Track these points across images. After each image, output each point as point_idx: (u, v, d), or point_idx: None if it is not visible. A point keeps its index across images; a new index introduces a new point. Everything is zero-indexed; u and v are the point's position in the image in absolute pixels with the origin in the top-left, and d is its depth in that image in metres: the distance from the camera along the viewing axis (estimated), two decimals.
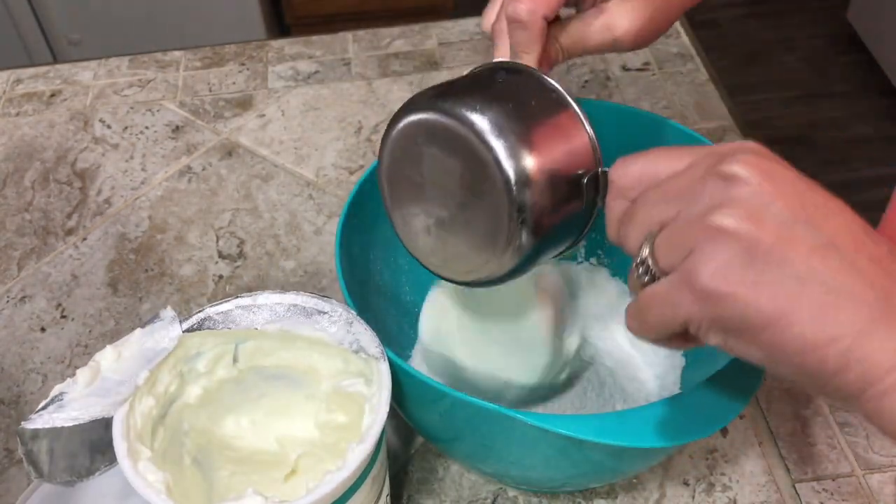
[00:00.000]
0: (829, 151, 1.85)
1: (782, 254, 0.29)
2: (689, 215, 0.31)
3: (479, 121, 0.36)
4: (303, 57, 0.88)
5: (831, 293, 0.29)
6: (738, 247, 0.29)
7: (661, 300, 0.32)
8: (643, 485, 0.53)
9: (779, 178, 0.30)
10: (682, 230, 0.31)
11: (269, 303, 0.44)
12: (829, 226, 0.30)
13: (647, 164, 0.34)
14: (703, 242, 0.30)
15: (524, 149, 0.36)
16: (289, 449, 0.47)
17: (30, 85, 0.86)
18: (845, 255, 0.29)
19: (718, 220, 0.29)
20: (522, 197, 0.36)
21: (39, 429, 0.38)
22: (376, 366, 0.41)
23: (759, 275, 0.29)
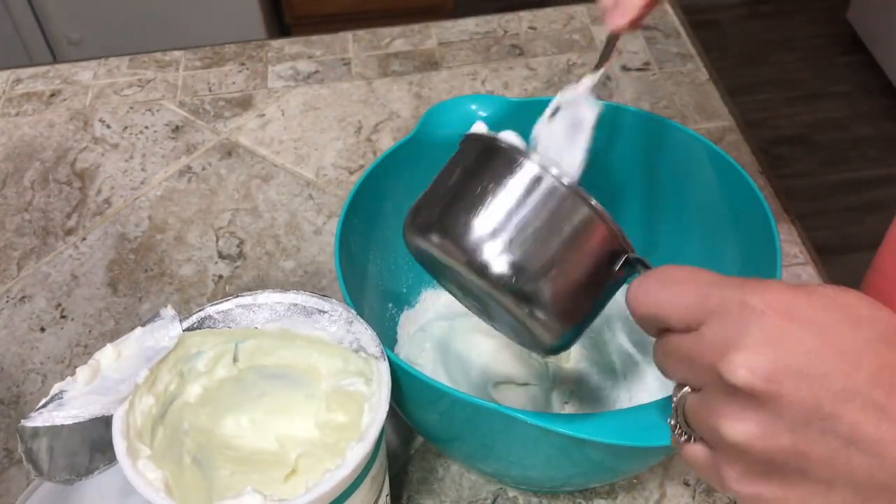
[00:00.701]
0: (829, 151, 1.85)
1: (802, 462, 0.28)
2: (705, 405, 0.30)
3: (494, 262, 0.36)
4: (303, 57, 0.88)
5: (862, 491, 0.28)
6: (753, 459, 0.29)
7: (696, 467, 0.32)
8: (643, 485, 0.53)
9: (787, 370, 0.27)
10: (702, 419, 0.30)
11: (270, 302, 0.44)
12: (845, 416, 0.27)
13: (655, 301, 0.32)
14: (721, 449, 0.30)
15: (546, 282, 0.36)
16: (289, 448, 0.47)
17: (30, 85, 0.86)
18: (870, 446, 0.27)
19: (726, 432, 0.28)
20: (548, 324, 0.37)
21: (39, 427, 0.38)
22: (376, 365, 0.41)
23: (782, 480, 0.28)
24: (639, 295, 0.32)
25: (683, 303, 0.30)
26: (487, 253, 0.36)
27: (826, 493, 0.28)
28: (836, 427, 0.27)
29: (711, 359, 0.29)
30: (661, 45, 0.87)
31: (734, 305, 0.29)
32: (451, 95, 0.81)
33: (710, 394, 0.29)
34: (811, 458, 0.27)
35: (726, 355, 0.28)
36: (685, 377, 0.31)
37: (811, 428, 0.27)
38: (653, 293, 0.32)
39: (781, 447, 0.28)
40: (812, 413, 0.27)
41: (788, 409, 0.27)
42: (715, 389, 0.29)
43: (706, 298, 0.30)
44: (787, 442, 0.28)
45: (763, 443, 0.28)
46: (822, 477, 0.28)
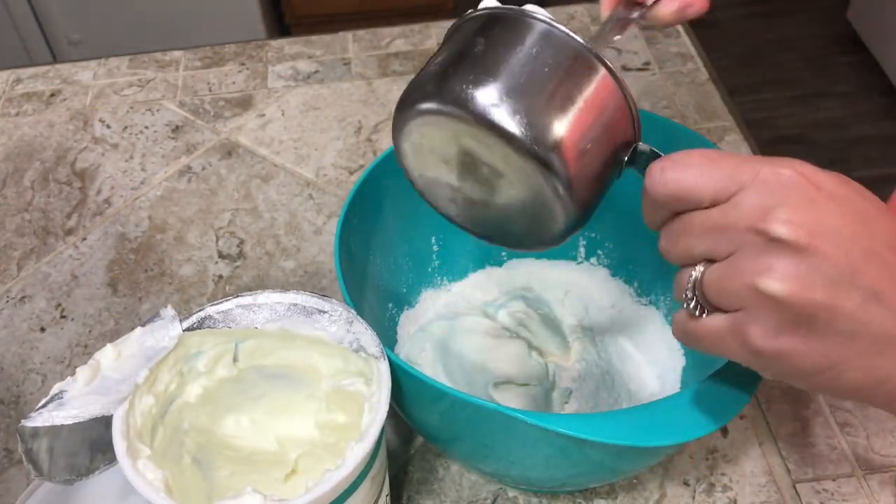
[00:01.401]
0: (829, 151, 1.85)
1: (830, 313, 0.30)
2: (738, 268, 0.31)
3: (501, 115, 0.34)
4: (303, 57, 0.88)
5: (877, 342, 0.30)
6: (787, 312, 0.30)
7: (713, 338, 0.33)
8: (643, 485, 0.53)
9: (824, 232, 0.30)
10: (732, 282, 0.31)
11: (270, 302, 0.44)
12: (869, 272, 0.30)
13: (685, 181, 0.32)
14: (752, 306, 0.31)
15: (558, 134, 0.34)
16: (289, 449, 0.47)
17: (30, 85, 0.86)
18: (888, 302, 0.30)
19: (767, 285, 0.30)
20: (548, 164, 0.34)
21: (39, 427, 0.38)
22: (376, 365, 0.41)
23: (809, 333, 0.31)
24: (667, 177, 0.33)
25: (714, 177, 0.32)
26: (511, 113, 0.34)
27: (847, 343, 0.31)
28: (862, 281, 0.30)
29: (750, 221, 0.30)
30: (661, 45, 0.87)
31: (769, 175, 0.31)
32: None
33: (743, 256, 0.31)
34: (840, 310, 0.30)
35: (770, 213, 0.30)
36: (710, 248, 0.32)
37: (842, 282, 0.30)
38: (680, 174, 0.33)
39: (815, 299, 0.30)
40: (844, 267, 0.30)
41: (825, 263, 0.30)
42: (752, 250, 0.31)
43: (738, 171, 0.31)
44: (821, 294, 0.30)
45: (801, 294, 0.30)
46: (845, 329, 0.30)
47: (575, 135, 0.35)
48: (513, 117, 0.34)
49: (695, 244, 0.33)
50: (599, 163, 0.36)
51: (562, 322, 0.58)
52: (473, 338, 0.54)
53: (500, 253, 0.62)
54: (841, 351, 0.31)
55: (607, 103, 0.36)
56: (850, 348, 0.31)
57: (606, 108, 0.36)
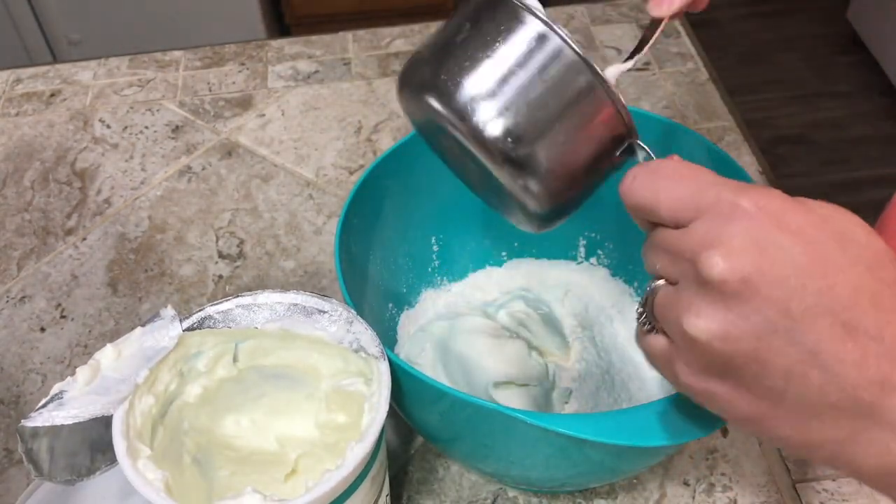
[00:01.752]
0: (829, 151, 1.85)
1: (758, 368, 0.28)
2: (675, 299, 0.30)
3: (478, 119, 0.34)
4: (303, 57, 0.88)
5: (812, 407, 0.28)
6: (711, 358, 0.29)
7: (652, 357, 0.33)
8: (643, 485, 0.53)
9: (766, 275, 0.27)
10: (669, 312, 0.30)
11: (270, 302, 0.44)
12: (812, 329, 0.27)
13: (650, 192, 0.31)
14: (680, 342, 0.30)
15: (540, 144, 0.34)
16: (289, 449, 0.47)
17: (30, 85, 0.86)
18: (829, 363, 0.27)
19: (689, 326, 0.29)
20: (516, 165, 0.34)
21: (39, 427, 0.38)
22: (376, 365, 0.41)
23: (736, 382, 0.29)
24: (634, 184, 0.32)
25: (676, 196, 0.30)
26: (482, 114, 0.33)
27: (778, 401, 0.28)
28: (803, 339, 0.27)
29: (693, 252, 0.29)
30: (661, 45, 0.87)
31: (726, 205, 0.29)
32: None
33: (682, 288, 0.29)
34: (770, 366, 0.28)
35: (707, 249, 0.28)
36: (664, 269, 0.31)
37: (777, 336, 0.27)
38: (648, 184, 0.32)
39: (742, 351, 0.28)
40: (781, 321, 0.27)
41: (757, 314, 0.27)
42: (688, 283, 0.29)
43: (700, 195, 0.30)
44: (749, 347, 0.28)
45: (723, 344, 0.28)
46: (776, 386, 0.28)
47: (550, 137, 0.34)
48: (482, 118, 0.34)
49: (656, 261, 0.32)
50: (578, 160, 0.35)
51: (562, 322, 0.58)
52: (473, 338, 0.54)
53: (501, 253, 0.62)
54: (771, 406, 0.29)
55: (587, 105, 0.35)
56: (780, 406, 0.28)
57: (586, 110, 0.35)
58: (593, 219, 0.59)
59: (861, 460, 0.29)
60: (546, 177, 0.35)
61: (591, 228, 0.60)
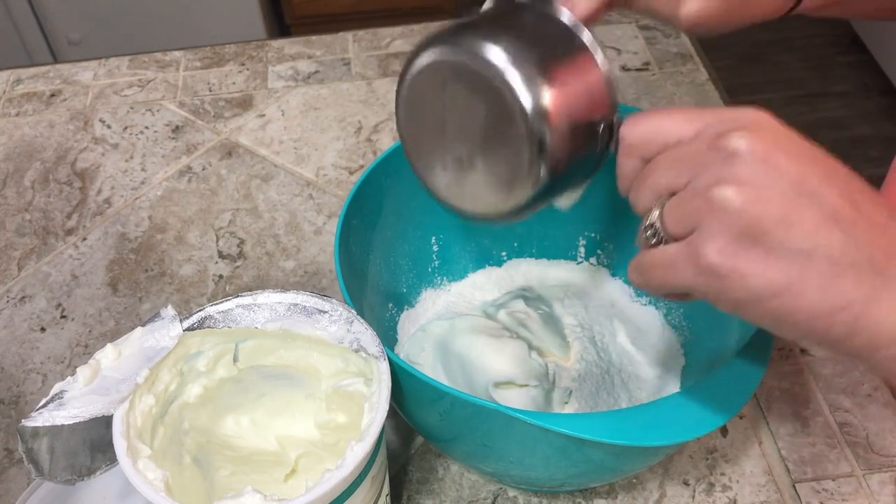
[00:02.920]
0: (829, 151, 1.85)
1: (786, 229, 0.30)
2: (695, 187, 0.31)
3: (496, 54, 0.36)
4: (303, 57, 0.88)
5: (836, 265, 0.30)
6: (743, 223, 0.30)
7: (666, 265, 0.33)
8: (643, 485, 0.53)
9: (781, 150, 0.31)
10: (689, 202, 0.32)
11: (270, 302, 0.44)
12: (831, 196, 0.30)
13: (656, 124, 0.34)
14: (708, 219, 0.31)
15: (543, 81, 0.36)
16: (289, 449, 0.47)
17: (30, 85, 0.86)
18: (847, 225, 0.30)
19: (721, 195, 0.30)
20: (540, 129, 0.36)
21: (40, 426, 0.38)
22: (376, 365, 0.41)
23: (764, 249, 0.30)
24: (639, 121, 0.35)
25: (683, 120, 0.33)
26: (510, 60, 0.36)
27: (804, 262, 0.30)
28: (822, 202, 0.30)
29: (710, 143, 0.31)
30: (661, 45, 0.87)
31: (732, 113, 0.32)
32: None
33: (701, 176, 0.31)
34: (797, 226, 0.30)
35: (730, 131, 0.31)
36: (672, 179, 0.33)
37: (801, 198, 0.30)
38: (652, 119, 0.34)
39: (771, 212, 0.30)
40: (804, 184, 0.30)
41: (784, 177, 0.30)
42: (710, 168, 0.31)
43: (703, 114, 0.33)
44: (778, 207, 0.30)
45: (755, 204, 0.30)
46: (803, 247, 0.30)
47: (564, 101, 0.36)
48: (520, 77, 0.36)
49: (659, 180, 0.33)
50: (579, 126, 0.37)
51: (562, 322, 0.58)
52: (473, 338, 0.54)
53: (501, 253, 0.62)
54: (798, 270, 0.30)
55: (592, 79, 0.37)
56: (807, 268, 0.30)
57: (590, 84, 0.37)
58: (593, 219, 0.59)
59: (879, 320, 0.30)
60: (556, 132, 0.36)
61: (591, 228, 0.60)
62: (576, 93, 0.37)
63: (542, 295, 0.60)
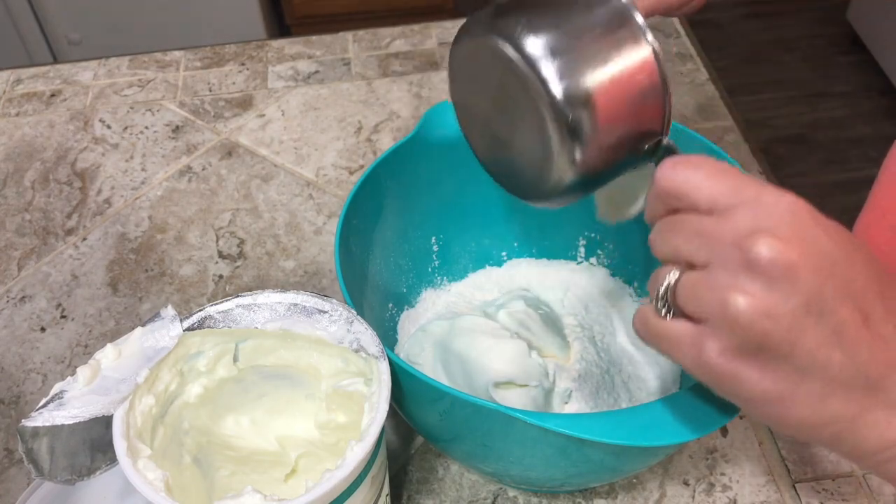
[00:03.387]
0: (829, 151, 1.85)
1: (789, 348, 0.30)
2: (711, 279, 0.31)
3: (533, 43, 0.35)
4: (303, 57, 0.88)
5: (830, 384, 0.31)
6: (748, 335, 0.30)
7: (670, 341, 0.34)
8: (643, 485, 0.53)
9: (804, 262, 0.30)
10: (703, 293, 0.32)
11: (270, 302, 0.44)
12: (841, 312, 0.30)
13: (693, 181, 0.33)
14: (717, 319, 0.31)
15: (583, 85, 0.35)
16: (289, 449, 0.47)
17: (30, 85, 0.86)
18: (849, 345, 0.30)
19: (734, 304, 0.30)
20: (573, 143, 0.35)
21: (40, 426, 0.38)
22: (376, 365, 0.41)
23: (764, 361, 0.31)
24: (676, 171, 0.33)
25: (719, 186, 0.32)
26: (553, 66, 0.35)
27: (800, 379, 0.31)
28: (829, 321, 0.30)
29: (737, 237, 0.31)
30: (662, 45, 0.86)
31: (771, 198, 0.31)
32: None
33: (720, 270, 0.31)
34: (800, 345, 0.30)
35: (758, 233, 0.30)
36: (692, 252, 0.32)
37: (810, 317, 0.30)
38: (689, 173, 0.33)
39: (779, 330, 0.30)
40: (814, 304, 0.30)
41: (797, 296, 0.30)
42: (731, 265, 0.31)
43: (743, 187, 0.32)
44: (786, 326, 0.30)
45: (765, 322, 0.30)
46: (801, 364, 0.31)
47: (605, 107, 0.35)
48: (553, 70, 0.35)
49: (681, 244, 0.33)
50: (618, 141, 0.36)
51: (562, 322, 0.58)
52: (473, 338, 0.54)
53: (501, 253, 0.62)
54: (793, 386, 0.31)
55: (645, 87, 0.36)
56: (801, 385, 0.31)
57: (643, 92, 0.36)
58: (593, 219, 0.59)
59: (865, 435, 0.32)
60: (591, 137, 0.35)
61: (591, 228, 0.60)
62: (620, 102, 0.35)
63: (541, 295, 0.60)
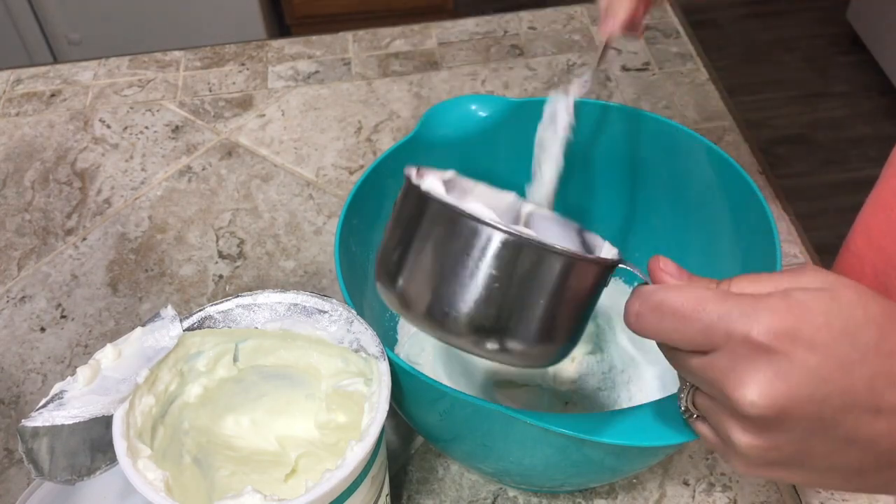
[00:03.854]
0: (829, 151, 1.85)
1: (801, 461, 0.31)
2: (716, 414, 0.32)
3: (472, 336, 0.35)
4: (303, 57, 0.88)
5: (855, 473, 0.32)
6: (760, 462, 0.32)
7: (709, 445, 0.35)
8: (643, 485, 0.53)
9: (793, 396, 0.29)
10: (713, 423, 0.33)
11: (270, 302, 0.44)
12: (849, 420, 0.30)
13: (660, 331, 0.32)
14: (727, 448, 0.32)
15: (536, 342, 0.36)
16: (289, 449, 0.47)
17: (30, 85, 0.86)
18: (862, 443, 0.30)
19: (737, 442, 0.31)
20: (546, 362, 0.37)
21: (40, 426, 0.38)
22: (376, 365, 0.41)
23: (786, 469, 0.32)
24: (641, 322, 0.33)
25: (687, 336, 0.31)
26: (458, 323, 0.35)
27: (822, 476, 0.32)
28: (837, 432, 0.30)
29: (723, 385, 0.30)
30: (661, 45, 0.87)
31: (739, 342, 0.30)
32: (450, 95, 0.81)
33: (719, 407, 0.32)
34: (814, 458, 0.31)
35: (738, 389, 0.30)
36: (698, 384, 0.33)
37: (815, 438, 0.30)
38: (652, 323, 0.32)
39: (786, 456, 0.31)
40: (816, 428, 0.30)
41: (794, 430, 0.30)
42: (724, 411, 0.31)
43: (710, 332, 0.30)
44: (792, 449, 0.31)
45: (768, 453, 0.31)
46: (820, 467, 0.32)
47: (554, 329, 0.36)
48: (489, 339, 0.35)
49: (683, 374, 0.34)
50: (575, 321, 0.37)
51: None
52: None
53: None
54: (821, 479, 0.32)
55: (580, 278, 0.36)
56: (828, 479, 0.32)
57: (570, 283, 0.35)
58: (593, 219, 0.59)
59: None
60: (555, 352, 0.37)
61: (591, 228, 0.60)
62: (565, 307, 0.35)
63: None
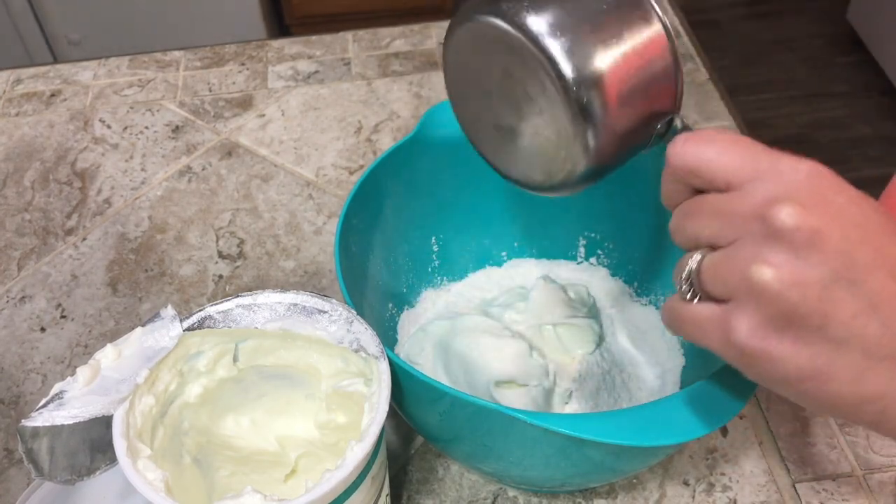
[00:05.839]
0: (829, 151, 1.85)
1: (822, 318, 0.29)
2: (735, 256, 0.30)
3: (535, 21, 0.34)
4: (303, 57, 0.88)
5: (870, 358, 0.29)
6: (778, 308, 0.29)
7: (697, 325, 0.32)
8: (643, 485, 0.53)
9: (831, 228, 0.28)
10: (727, 270, 0.30)
11: (270, 302, 0.44)
12: (875, 281, 0.29)
13: (706, 156, 0.31)
14: (743, 296, 0.30)
15: (591, 64, 0.34)
16: (289, 449, 0.47)
17: (30, 85, 0.86)
18: (887, 315, 0.29)
19: (759, 276, 0.29)
20: (584, 125, 0.34)
21: (39, 427, 0.38)
22: (376, 365, 0.41)
23: (796, 335, 0.29)
24: (687, 148, 0.32)
25: (733, 161, 0.31)
26: (561, 44, 0.33)
27: (836, 352, 0.29)
28: (862, 290, 0.28)
29: (757, 208, 0.29)
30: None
31: (787, 167, 0.30)
32: None
33: (743, 244, 0.30)
34: (833, 317, 0.29)
35: (778, 202, 0.29)
36: (715, 233, 0.31)
37: (841, 286, 0.28)
38: (701, 148, 0.32)
39: (809, 299, 0.28)
40: (845, 272, 0.28)
41: (825, 264, 0.28)
42: (753, 238, 0.29)
43: (757, 159, 0.31)
44: (816, 296, 0.28)
45: (793, 290, 0.28)
46: (836, 336, 0.29)
47: (617, 83, 0.34)
48: (562, 49, 0.34)
49: (702, 227, 0.32)
50: (632, 120, 0.36)
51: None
52: (474, 337, 0.54)
53: (501, 253, 0.62)
54: (829, 359, 0.29)
55: (656, 64, 0.35)
56: (838, 358, 0.29)
57: (654, 69, 0.35)
58: (593, 219, 0.59)
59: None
60: (605, 119, 0.35)
61: (591, 228, 0.60)
62: (633, 81, 0.34)
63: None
